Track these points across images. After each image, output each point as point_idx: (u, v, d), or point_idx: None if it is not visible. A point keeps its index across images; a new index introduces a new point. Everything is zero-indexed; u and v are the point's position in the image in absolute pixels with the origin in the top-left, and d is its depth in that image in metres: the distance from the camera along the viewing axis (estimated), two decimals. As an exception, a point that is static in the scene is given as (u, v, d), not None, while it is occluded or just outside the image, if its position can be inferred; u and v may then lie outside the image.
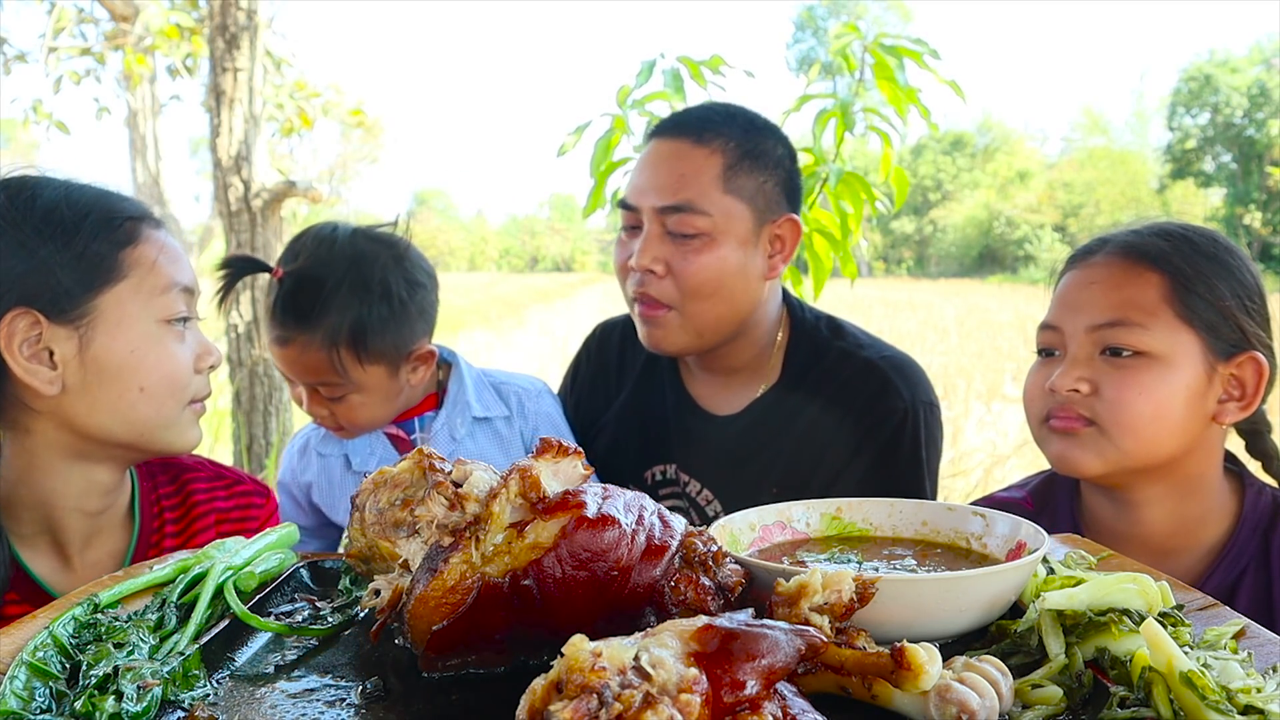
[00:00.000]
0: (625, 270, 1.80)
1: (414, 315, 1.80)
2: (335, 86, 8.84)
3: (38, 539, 1.38)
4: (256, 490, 1.60)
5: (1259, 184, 35.07)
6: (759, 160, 1.76)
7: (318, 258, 1.76)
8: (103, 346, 1.29)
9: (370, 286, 1.73)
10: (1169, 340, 1.36)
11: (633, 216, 1.78)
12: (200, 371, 1.40)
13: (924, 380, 1.86)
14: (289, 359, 1.76)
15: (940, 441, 1.88)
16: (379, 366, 1.77)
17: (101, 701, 0.75)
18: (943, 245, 51.15)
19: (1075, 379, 1.39)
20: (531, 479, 0.84)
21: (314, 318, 1.71)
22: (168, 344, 1.34)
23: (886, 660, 0.72)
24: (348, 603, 1.03)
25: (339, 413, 1.81)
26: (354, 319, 1.71)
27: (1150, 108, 53.00)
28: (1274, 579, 1.37)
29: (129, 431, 1.33)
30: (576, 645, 0.62)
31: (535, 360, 10.53)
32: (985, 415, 7.75)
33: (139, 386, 1.31)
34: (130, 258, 1.33)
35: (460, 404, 1.91)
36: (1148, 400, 1.35)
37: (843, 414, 1.79)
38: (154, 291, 1.34)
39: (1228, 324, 1.37)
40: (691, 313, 1.74)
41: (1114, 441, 1.37)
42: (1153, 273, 1.39)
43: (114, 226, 1.33)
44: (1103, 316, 1.39)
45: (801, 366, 1.86)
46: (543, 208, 78.92)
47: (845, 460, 1.78)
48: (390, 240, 1.82)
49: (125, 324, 1.31)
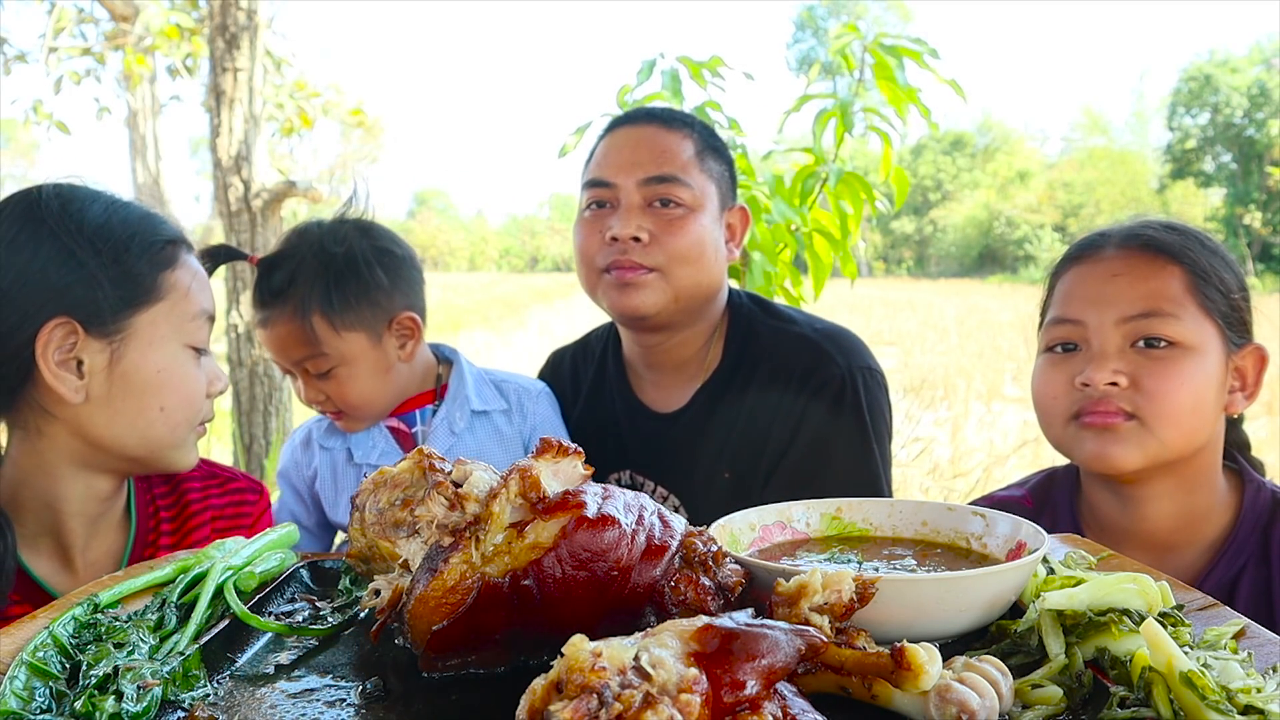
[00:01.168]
0: (595, 246, 1.82)
1: (385, 282, 1.83)
2: (335, 86, 8.84)
3: (40, 540, 1.39)
4: (250, 487, 1.61)
5: (1259, 184, 35.07)
6: (718, 152, 1.89)
7: (288, 242, 1.86)
8: (132, 364, 1.33)
9: (334, 255, 1.79)
10: (1197, 330, 1.37)
11: (604, 193, 1.82)
12: (210, 397, 1.44)
13: (860, 347, 1.90)
14: (272, 340, 1.82)
15: (886, 407, 1.89)
16: (356, 333, 1.80)
17: (101, 701, 0.75)
18: (943, 245, 51.14)
19: (1112, 372, 1.36)
20: (531, 479, 0.84)
21: (285, 291, 1.78)
22: (190, 368, 1.39)
23: (886, 660, 0.72)
24: (348, 603, 1.03)
25: (332, 392, 1.83)
26: (321, 286, 1.77)
27: (1150, 108, 53.04)
28: (1274, 575, 1.37)
29: (141, 447, 1.36)
30: (576, 645, 0.62)
31: (535, 360, 10.57)
32: (985, 415, 7.75)
33: (160, 406, 1.35)
34: (169, 281, 1.37)
35: (460, 398, 1.93)
36: (1189, 390, 1.35)
37: (781, 390, 1.82)
38: (185, 316, 1.38)
39: (1237, 315, 1.40)
40: (674, 275, 1.78)
41: (1156, 434, 1.36)
42: (1174, 265, 1.39)
43: (157, 248, 1.37)
44: (1134, 308, 1.38)
45: (738, 351, 1.90)
46: (543, 208, 78.88)
47: (790, 435, 1.81)
48: (356, 220, 1.89)
49: (156, 344, 1.35)
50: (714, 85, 2.78)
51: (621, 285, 1.78)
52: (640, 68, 2.73)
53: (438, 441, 1.87)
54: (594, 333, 2.17)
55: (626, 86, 2.76)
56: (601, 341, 2.11)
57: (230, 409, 5.12)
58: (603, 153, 1.86)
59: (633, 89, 2.75)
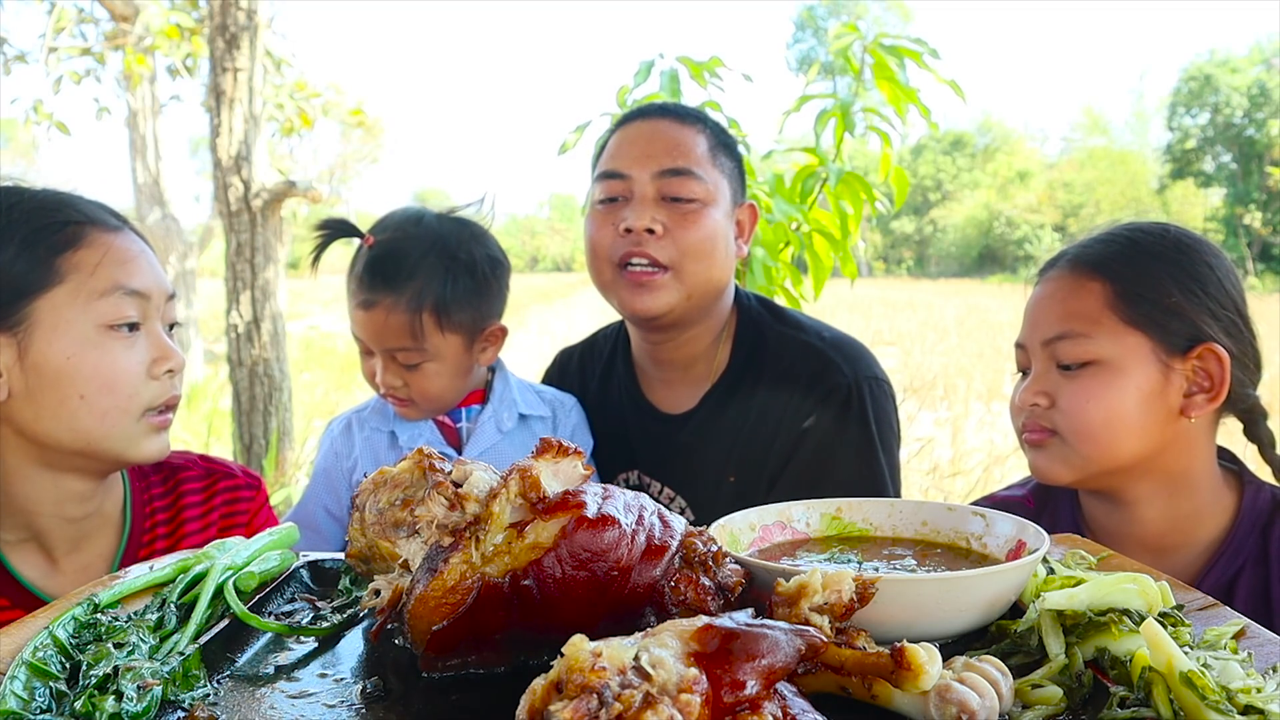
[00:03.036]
0: (607, 239, 1.81)
1: (494, 291, 1.87)
2: (335, 86, 8.85)
3: (24, 544, 1.38)
4: (247, 483, 1.60)
5: (1259, 184, 35.06)
6: (729, 148, 1.89)
7: (405, 230, 1.86)
8: (40, 353, 1.27)
9: (457, 257, 1.82)
10: (1114, 345, 1.39)
11: (617, 186, 1.81)
12: (156, 377, 1.35)
13: (867, 357, 1.89)
14: (372, 323, 1.81)
15: (893, 417, 1.89)
16: (457, 336, 1.83)
17: (101, 701, 0.75)
18: (943, 245, 51.13)
19: (1034, 393, 1.45)
20: (531, 479, 0.84)
21: (401, 281, 1.78)
22: (109, 349, 1.30)
23: (886, 660, 0.72)
24: (348, 603, 1.03)
25: (413, 383, 1.85)
26: (439, 285, 1.79)
27: (1150, 108, 53.01)
28: (1272, 576, 1.37)
29: (76, 440, 1.31)
30: (576, 645, 0.62)
31: (535, 360, 10.54)
32: (985, 415, 7.75)
33: (78, 394, 1.28)
34: (69, 262, 1.29)
35: (507, 400, 1.96)
36: (1098, 406, 1.39)
37: (787, 398, 1.82)
38: (92, 295, 1.29)
39: (1178, 320, 1.39)
40: (687, 272, 1.78)
41: (1075, 449, 1.42)
42: (1094, 281, 1.42)
43: (51, 232, 1.29)
44: (1051, 331, 1.44)
45: (746, 355, 1.90)
46: (543, 208, 78.90)
47: (795, 443, 1.81)
48: (470, 222, 1.92)
49: (61, 329, 1.28)
50: (714, 85, 2.78)
51: (635, 286, 1.78)
52: (639, 68, 2.73)
53: (483, 439, 1.91)
54: (601, 332, 2.17)
55: (626, 87, 2.76)
56: (610, 341, 2.11)
57: (230, 409, 5.12)
58: (616, 145, 1.85)
59: (632, 89, 2.75)
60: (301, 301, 20.55)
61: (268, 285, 4.71)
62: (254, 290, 4.69)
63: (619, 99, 2.76)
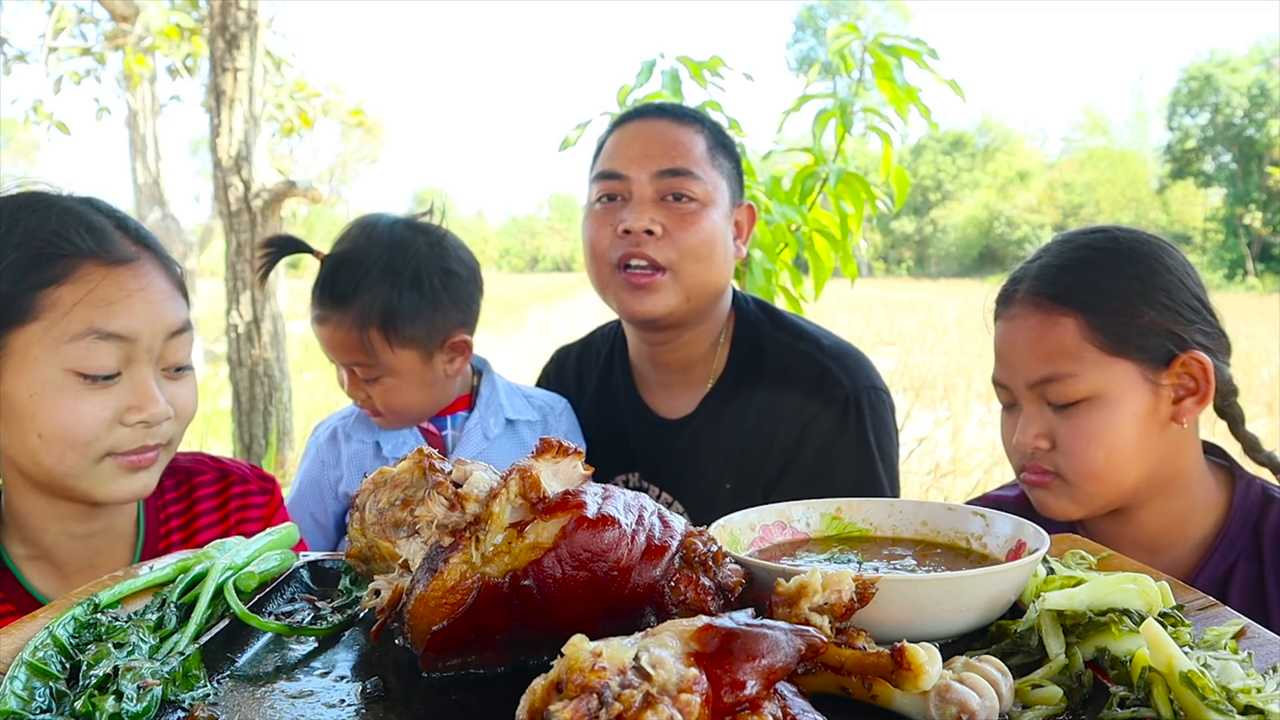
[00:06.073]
0: (606, 239, 1.80)
1: (447, 304, 1.84)
2: (335, 86, 8.85)
3: (35, 560, 1.38)
4: (260, 486, 1.59)
5: (1259, 184, 35.07)
6: (728, 149, 1.88)
7: (357, 242, 1.85)
8: (9, 384, 1.24)
9: (401, 272, 1.80)
10: (1101, 378, 1.37)
11: (616, 185, 1.80)
12: (128, 424, 1.27)
13: (866, 366, 1.88)
14: (326, 338, 1.84)
15: (892, 426, 1.88)
16: (409, 351, 1.81)
17: (101, 701, 0.75)
18: (943, 245, 51.10)
19: (1035, 437, 1.42)
20: (531, 479, 0.84)
21: (348, 298, 1.78)
22: (71, 394, 1.24)
23: (886, 660, 0.72)
24: (348, 603, 1.03)
25: (374, 395, 1.85)
26: (384, 302, 1.77)
27: (1150, 108, 52.96)
28: (1265, 570, 1.38)
29: (37, 473, 1.28)
30: (576, 645, 0.62)
31: (535, 361, 10.61)
32: (985, 415, 7.75)
33: (36, 433, 1.24)
34: (48, 298, 1.23)
35: (494, 406, 1.95)
36: (1099, 446, 1.37)
37: (786, 407, 1.82)
38: (62, 338, 1.23)
39: (1155, 335, 1.38)
40: (685, 274, 1.77)
41: (1081, 489, 1.40)
42: (1064, 316, 1.39)
43: (39, 263, 1.24)
44: (1035, 374, 1.41)
45: (744, 360, 1.90)
46: (543, 208, 78.84)
47: (792, 451, 1.80)
48: (427, 228, 1.89)
49: (28, 367, 1.23)
50: (714, 85, 2.78)
51: (633, 288, 1.77)
52: (640, 68, 2.73)
53: (470, 446, 1.90)
54: (598, 332, 2.16)
55: (626, 87, 2.76)
56: (607, 342, 2.10)
57: (230, 409, 5.12)
58: (614, 145, 1.85)
59: (633, 89, 2.75)
60: (301, 301, 20.48)
61: (268, 285, 4.71)
62: (254, 290, 4.69)
63: (620, 98, 2.76)
